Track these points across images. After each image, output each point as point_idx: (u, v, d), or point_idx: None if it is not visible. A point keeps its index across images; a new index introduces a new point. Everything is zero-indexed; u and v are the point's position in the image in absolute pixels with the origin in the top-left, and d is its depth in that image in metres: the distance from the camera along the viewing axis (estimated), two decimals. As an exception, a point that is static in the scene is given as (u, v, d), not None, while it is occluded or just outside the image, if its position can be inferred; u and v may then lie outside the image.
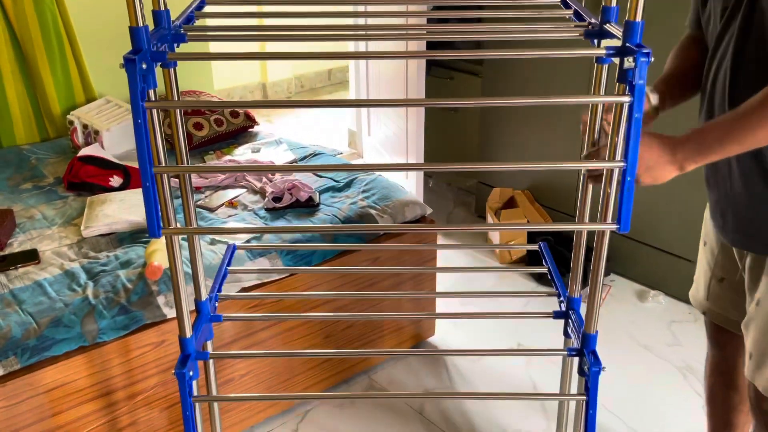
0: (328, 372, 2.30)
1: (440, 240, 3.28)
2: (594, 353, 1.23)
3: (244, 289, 2.02)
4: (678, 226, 2.77)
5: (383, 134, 3.79)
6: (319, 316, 2.18)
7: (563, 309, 1.40)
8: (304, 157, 2.80)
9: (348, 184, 2.50)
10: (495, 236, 3.21)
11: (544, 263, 1.52)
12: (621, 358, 2.52)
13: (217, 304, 1.47)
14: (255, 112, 3.17)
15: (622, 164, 1.03)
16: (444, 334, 2.62)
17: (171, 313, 1.88)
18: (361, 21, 3.17)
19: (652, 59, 0.92)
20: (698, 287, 1.66)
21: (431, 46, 3.50)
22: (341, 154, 4.13)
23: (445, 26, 1.68)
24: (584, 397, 1.25)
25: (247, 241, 2.12)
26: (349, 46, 3.91)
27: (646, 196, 2.85)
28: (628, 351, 2.57)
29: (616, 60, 1.00)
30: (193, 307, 1.41)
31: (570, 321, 1.36)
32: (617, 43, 0.99)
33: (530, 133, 3.24)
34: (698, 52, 1.45)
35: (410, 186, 3.31)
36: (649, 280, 2.96)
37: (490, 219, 3.26)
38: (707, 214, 1.54)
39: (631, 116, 0.98)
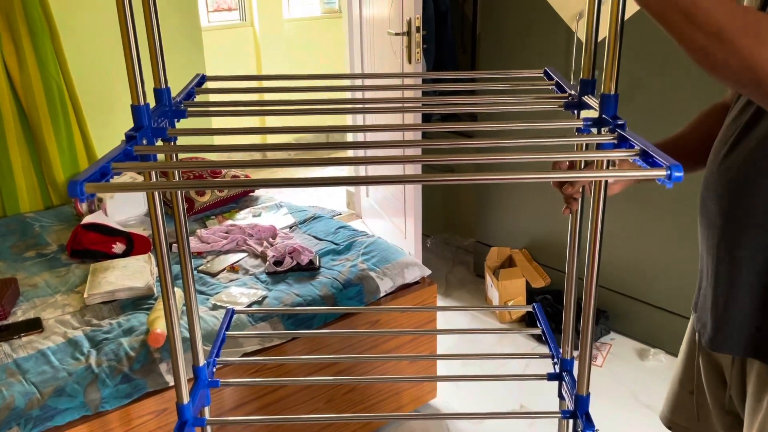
0: (330, 436, 2.29)
1: (440, 300, 3.30)
2: (587, 415, 1.24)
3: (246, 354, 2.03)
4: (673, 284, 2.79)
5: (381, 195, 3.85)
6: (319, 381, 2.18)
7: (557, 371, 1.41)
8: (304, 220, 2.84)
9: (348, 247, 2.54)
10: (495, 295, 3.22)
11: (538, 324, 1.54)
12: (624, 418, 2.50)
13: (215, 370, 1.48)
14: (255, 176, 3.24)
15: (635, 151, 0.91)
16: (446, 396, 2.61)
17: (173, 380, 1.89)
18: (359, 94, 3.28)
19: (627, 129, 0.96)
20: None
21: (427, 115, 3.58)
22: (340, 215, 4.18)
23: (439, 99, 1.73)
24: (580, 459, 1.25)
25: (249, 306, 2.15)
26: (348, 116, 4.00)
27: (642, 254, 2.88)
28: (631, 410, 2.56)
29: (594, 130, 1.04)
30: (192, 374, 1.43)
31: (564, 383, 1.37)
32: (595, 114, 1.04)
33: (526, 192, 3.29)
34: (718, 123, 1.21)
35: (409, 245, 3.35)
36: (650, 338, 2.97)
37: (488, 278, 3.29)
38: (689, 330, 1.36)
39: None
